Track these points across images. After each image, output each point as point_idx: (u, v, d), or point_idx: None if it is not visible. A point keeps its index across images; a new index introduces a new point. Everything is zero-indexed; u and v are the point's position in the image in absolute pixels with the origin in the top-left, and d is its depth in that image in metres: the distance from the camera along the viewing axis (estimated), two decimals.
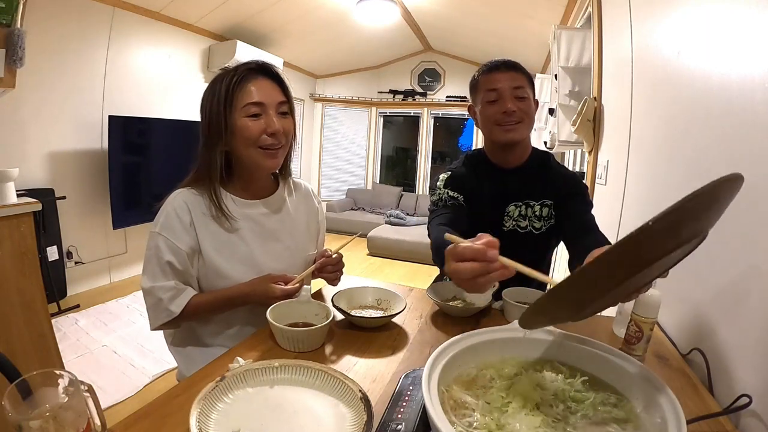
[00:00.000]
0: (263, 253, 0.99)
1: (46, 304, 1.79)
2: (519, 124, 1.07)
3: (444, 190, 1.11)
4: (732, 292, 0.75)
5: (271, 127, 0.90)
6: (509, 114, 1.05)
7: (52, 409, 0.43)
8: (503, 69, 1.07)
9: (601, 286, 0.45)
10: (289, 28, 4.19)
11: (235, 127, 0.89)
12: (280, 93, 0.94)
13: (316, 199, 1.16)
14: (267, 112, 0.90)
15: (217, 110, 0.89)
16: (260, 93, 0.90)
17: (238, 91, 0.89)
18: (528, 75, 1.09)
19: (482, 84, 1.09)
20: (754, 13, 0.76)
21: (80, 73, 2.86)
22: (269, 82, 0.93)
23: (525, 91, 1.06)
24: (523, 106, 1.06)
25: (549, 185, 1.13)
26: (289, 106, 0.96)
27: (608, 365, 0.55)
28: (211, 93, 0.91)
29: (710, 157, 0.89)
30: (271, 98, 0.91)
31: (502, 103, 1.05)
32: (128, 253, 3.33)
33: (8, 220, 1.67)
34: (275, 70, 0.95)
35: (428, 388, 0.45)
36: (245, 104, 0.89)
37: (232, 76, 0.89)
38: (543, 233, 1.14)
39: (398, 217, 5.45)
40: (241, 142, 0.91)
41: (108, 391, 1.86)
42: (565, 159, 3.27)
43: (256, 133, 0.89)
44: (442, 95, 5.88)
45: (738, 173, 0.39)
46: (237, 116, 0.89)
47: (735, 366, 0.71)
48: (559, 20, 3.03)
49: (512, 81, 1.06)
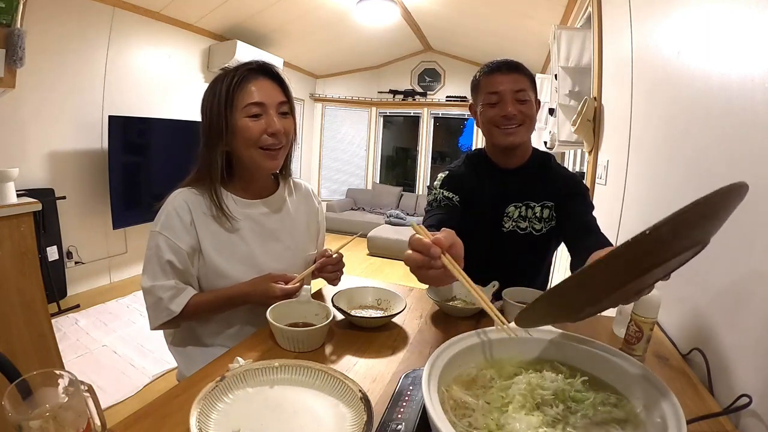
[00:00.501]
0: (263, 253, 0.99)
1: (46, 304, 1.79)
2: (519, 127, 1.06)
3: (439, 190, 1.10)
4: (732, 292, 0.75)
5: (272, 127, 0.90)
6: (509, 118, 1.04)
7: (52, 409, 0.43)
8: (505, 71, 1.06)
9: (601, 289, 0.45)
10: (289, 28, 4.19)
11: (236, 128, 0.89)
12: (281, 93, 0.94)
13: (316, 199, 1.16)
14: (267, 112, 0.90)
15: (218, 110, 0.89)
16: (261, 93, 0.90)
17: (238, 91, 0.89)
18: (530, 76, 1.08)
19: (483, 85, 1.08)
20: (754, 13, 0.76)
21: (80, 73, 2.86)
22: (270, 82, 0.93)
23: (527, 94, 1.05)
24: (524, 109, 1.05)
25: (549, 186, 1.13)
26: (289, 106, 0.96)
27: (608, 365, 0.55)
28: (212, 93, 0.91)
29: (710, 157, 0.89)
30: (272, 98, 0.91)
31: (503, 106, 1.04)
32: (128, 253, 3.33)
33: (8, 220, 1.67)
34: (275, 70, 0.95)
35: (428, 388, 0.45)
36: (246, 104, 0.89)
37: (233, 76, 0.89)
38: (543, 235, 1.13)
39: (398, 217, 5.45)
40: (242, 143, 0.91)
41: (108, 391, 1.86)
42: (565, 159, 3.27)
43: (257, 134, 0.89)
44: (442, 95, 5.88)
45: (743, 182, 0.39)
46: (237, 116, 0.89)
47: (735, 366, 0.71)
48: (559, 20, 3.03)
49: (514, 83, 1.04)
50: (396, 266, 4.56)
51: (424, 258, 0.55)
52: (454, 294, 1.04)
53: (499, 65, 1.07)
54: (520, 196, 1.13)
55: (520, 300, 0.94)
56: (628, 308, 0.84)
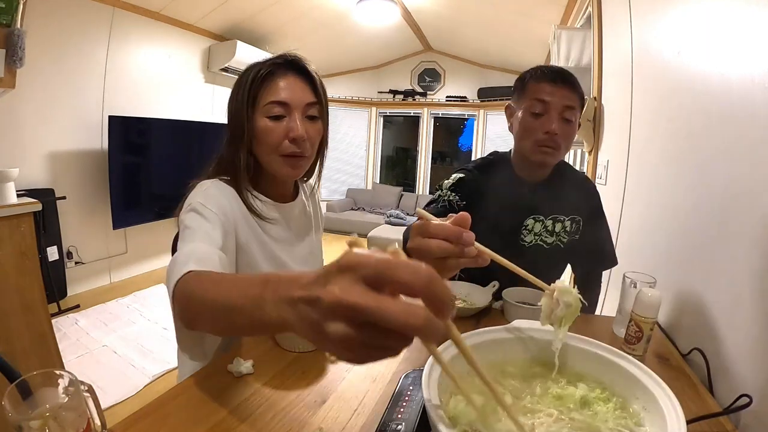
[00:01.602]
0: (290, 257, 0.93)
1: (46, 304, 1.80)
2: (557, 149, 0.97)
3: (447, 192, 1.05)
4: (732, 292, 0.75)
5: (294, 131, 0.79)
6: (551, 136, 0.95)
7: (52, 409, 0.43)
8: (560, 82, 0.95)
9: None
10: (289, 28, 4.19)
11: (256, 129, 0.80)
12: (310, 93, 0.82)
13: (316, 194, 1.11)
14: (291, 113, 0.80)
15: (240, 107, 0.79)
16: (286, 91, 0.79)
17: (262, 87, 0.79)
18: (581, 95, 0.99)
19: (531, 90, 0.98)
20: (754, 12, 0.76)
21: (80, 73, 2.86)
22: (298, 80, 0.81)
23: (574, 114, 0.97)
24: (567, 130, 0.97)
25: (573, 199, 1.10)
26: (319, 108, 0.83)
27: (608, 365, 0.55)
28: (237, 87, 0.82)
29: (710, 156, 0.89)
30: (298, 98, 0.80)
31: (548, 121, 0.95)
32: (128, 253, 3.32)
33: (8, 220, 1.67)
34: (307, 65, 0.84)
35: (428, 388, 0.45)
36: (267, 102, 0.79)
37: (258, 69, 0.80)
38: (568, 247, 1.12)
39: (398, 217, 5.45)
40: (261, 147, 0.81)
41: (108, 391, 1.86)
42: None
43: (277, 138, 0.79)
44: (442, 95, 5.88)
45: None
46: (258, 116, 0.79)
47: (735, 366, 0.71)
48: (559, 20, 3.03)
49: (565, 99, 0.95)
50: None
51: (455, 247, 0.48)
52: (454, 294, 1.04)
53: (554, 73, 0.97)
54: (545, 210, 1.07)
55: (520, 300, 0.94)
56: (628, 308, 0.84)
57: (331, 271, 0.29)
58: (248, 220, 0.84)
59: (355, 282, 0.27)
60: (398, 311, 0.26)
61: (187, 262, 0.60)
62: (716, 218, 0.83)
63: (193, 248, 0.66)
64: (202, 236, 0.70)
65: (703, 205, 0.90)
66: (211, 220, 0.73)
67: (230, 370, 0.69)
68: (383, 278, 0.27)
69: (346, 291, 0.27)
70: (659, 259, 1.13)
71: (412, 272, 0.27)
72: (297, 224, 0.97)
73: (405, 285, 0.27)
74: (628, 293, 0.88)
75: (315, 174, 0.95)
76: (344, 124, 6.33)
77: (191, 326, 0.57)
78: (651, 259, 1.19)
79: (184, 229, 0.72)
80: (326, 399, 0.64)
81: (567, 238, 1.11)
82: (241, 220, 0.82)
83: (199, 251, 0.65)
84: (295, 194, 0.98)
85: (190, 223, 0.72)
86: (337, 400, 0.64)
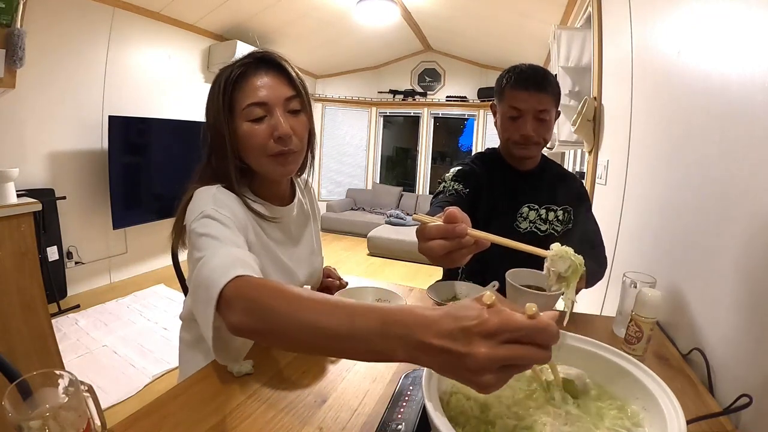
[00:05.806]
0: (291, 259, 0.92)
1: (46, 304, 1.79)
2: (534, 146, 1.08)
3: (450, 182, 1.09)
4: (732, 292, 0.75)
5: (278, 129, 0.76)
6: (526, 137, 1.05)
7: (52, 409, 0.43)
8: (532, 89, 1.03)
9: None
10: (289, 29, 4.19)
11: (238, 135, 0.77)
12: (288, 87, 0.79)
13: (311, 187, 1.10)
14: (273, 112, 0.77)
15: (217, 115, 0.77)
16: (262, 90, 0.76)
17: (235, 91, 0.76)
18: (556, 94, 1.07)
19: (507, 97, 1.07)
20: (754, 12, 0.76)
21: (80, 73, 2.86)
22: (273, 76, 0.78)
23: (548, 114, 1.05)
24: (542, 130, 1.06)
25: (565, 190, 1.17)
26: (300, 101, 0.81)
27: (608, 365, 0.55)
28: (211, 94, 0.79)
29: (710, 156, 0.89)
30: (276, 95, 0.77)
31: (522, 125, 1.05)
32: (128, 254, 3.32)
33: (8, 220, 1.67)
34: (279, 59, 0.80)
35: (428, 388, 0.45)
36: (246, 106, 0.76)
37: (229, 72, 0.77)
38: (561, 236, 1.17)
39: (398, 217, 5.44)
40: (249, 152, 0.79)
41: (108, 391, 1.86)
42: (565, 159, 3.27)
43: (262, 141, 0.77)
44: (442, 95, 5.87)
45: None
46: (239, 121, 0.77)
47: (735, 366, 0.71)
48: (559, 20, 3.03)
49: (538, 103, 1.03)
50: (396, 266, 4.56)
51: (453, 242, 0.52)
52: (454, 294, 1.04)
53: (527, 81, 1.03)
54: (539, 199, 1.15)
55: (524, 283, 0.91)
56: (628, 308, 0.84)
57: (472, 333, 0.36)
58: (252, 224, 0.83)
59: (499, 344, 0.36)
60: (542, 357, 0.37)
61: (230, 266, 0.57)
62: (716, 218, 0.83)
63: (228, 252, 0.63)
64: (228, 241, 0.67)
65: (703, 204, 0.90)
66: (230, 226, 0.71)
67: (230, 370, 0.69)
68: (520, 341, 0.36)
69: (494, 350, 0.36)
70: (659, 259, 1.13)
71: (547, 338, 0.37)
72: (297, 225, 0.97)
73: (539, 345, 0.37)
74: (628, 293, 0.88)
75: (307, 167, 0.93)
76: (344, 124, 6.32)
77: (258, 336, 0.55)
78: (651, 259, 1.19)
79: (202, 236, 0.68)
80: (326, 399, 0.64)
81: (560, 227, 1.18)
82: (247, 224, 0.81)
83: (238, 255, 0.62)
84: (292, 194, 0.97)
85: (209, 230, 0.68)
86: (337, 400, 0.64)
